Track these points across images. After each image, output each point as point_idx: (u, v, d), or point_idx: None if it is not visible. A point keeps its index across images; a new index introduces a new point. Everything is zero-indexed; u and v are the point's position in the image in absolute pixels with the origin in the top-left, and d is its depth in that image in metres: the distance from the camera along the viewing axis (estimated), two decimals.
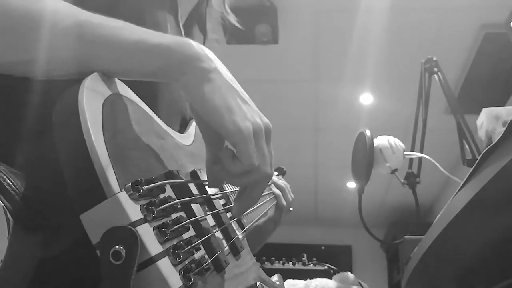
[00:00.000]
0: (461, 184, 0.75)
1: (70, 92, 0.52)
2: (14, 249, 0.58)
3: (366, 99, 3.91)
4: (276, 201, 1.27)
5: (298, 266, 2.33)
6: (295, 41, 3.37)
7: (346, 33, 3.22)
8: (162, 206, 0.52)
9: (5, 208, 0.56)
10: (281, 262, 2.37)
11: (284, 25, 3.16)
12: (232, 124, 0.58)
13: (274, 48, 3.31)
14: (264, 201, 1.14)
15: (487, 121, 1.19)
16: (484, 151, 0.65)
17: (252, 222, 0.93)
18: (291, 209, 1.36)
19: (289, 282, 1.30)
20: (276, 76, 3.73)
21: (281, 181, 1.34)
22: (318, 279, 1.30)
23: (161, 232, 0.50)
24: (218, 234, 0.69)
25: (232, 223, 0.77)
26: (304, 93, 3.89)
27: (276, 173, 1.43)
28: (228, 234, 0.71)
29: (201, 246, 0.58)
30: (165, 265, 0.49)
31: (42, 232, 0.58)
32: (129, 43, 0.58)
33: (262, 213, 1.12)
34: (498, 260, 0.99)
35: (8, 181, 0.56)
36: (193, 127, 0.87)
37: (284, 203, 1.28)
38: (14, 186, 0.57)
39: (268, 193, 1.24)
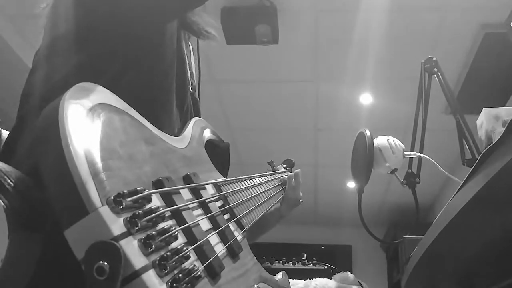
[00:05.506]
0: (460, 184, 0.75)
1: (51, 105, 0.51)
2: (14, 249, 0.58)
3: (366, 99, 3.90)
4: (283, 195, 1.29)
5: (298, 266, 2.33)
6: (295, 41, 3.36)
7: (346, 33, 3.21)
8: (147, 218, 0.51)
9: (6, 207, 0.56)
10: (281, 262, 2.37)
11: (284, 25, 3.16)
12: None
13: (274, 48, 3.31)
14: (267, 198, 1.13)
15: (487, 121, 1.19)
16: (484, 151, 0.65)
17: (252, 222, 0.92)
18: (300, 201, 1.38)
19: None
20: (276, 76, 3.73)
21: (289, 175, 1.36)
22: (318, 279, 1.30)
23: (145, 244, 0.49)
24: (214, 237, 0.67)
25: (230, 224, 0.76)
26: (304, 93, 3.89)
27: (284, 165, 1.45)
28: (225, 236, 0.70)
29: (191, 253, 0.57)
30: (150, 278, 0.48)
31: (42, 232, 0.58)
32: None
33: (264, 212, 1.12)
34: (498, 259, 0.99)
35: (9, 180, 0.56)
36: (189, 128, 0.86)
37: (291, 196, 1.30)
38: (15, 185, 0.57)
39: (274, 187, 1.24)
